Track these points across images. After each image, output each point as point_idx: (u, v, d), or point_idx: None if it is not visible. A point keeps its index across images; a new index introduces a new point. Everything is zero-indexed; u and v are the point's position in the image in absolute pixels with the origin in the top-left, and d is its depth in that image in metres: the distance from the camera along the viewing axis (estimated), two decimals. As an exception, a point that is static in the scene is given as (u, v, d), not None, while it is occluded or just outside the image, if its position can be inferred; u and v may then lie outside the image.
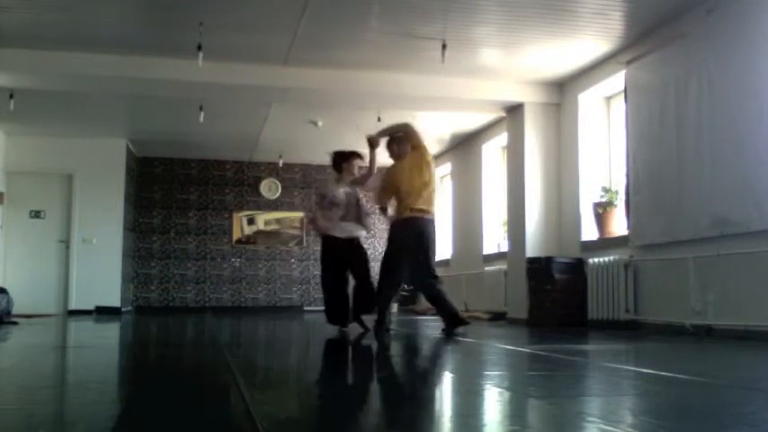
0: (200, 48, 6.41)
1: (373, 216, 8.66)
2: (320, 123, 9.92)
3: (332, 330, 6.49)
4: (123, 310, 11.15)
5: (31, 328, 7.39)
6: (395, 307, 10.06)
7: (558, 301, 7.51)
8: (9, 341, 5.73)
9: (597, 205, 7.65)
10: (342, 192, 6.68)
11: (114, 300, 10.93)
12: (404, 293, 11.45)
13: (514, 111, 8.48)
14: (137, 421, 2.30)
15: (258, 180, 12.95)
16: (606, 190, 7.60)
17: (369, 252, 6.89)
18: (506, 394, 2.90)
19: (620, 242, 7.14)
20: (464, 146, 11.14)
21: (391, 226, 6.44)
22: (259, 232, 12.92)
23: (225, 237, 12.79)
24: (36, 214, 10.97)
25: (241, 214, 12.89)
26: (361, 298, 6.50)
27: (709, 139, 5.84)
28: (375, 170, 6.66)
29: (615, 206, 7.46)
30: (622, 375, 3.58)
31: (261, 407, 2.44)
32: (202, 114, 8.83)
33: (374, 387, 3.33)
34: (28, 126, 10.25)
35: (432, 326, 7.80)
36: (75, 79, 7.63)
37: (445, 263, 11.84)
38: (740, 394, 2.91)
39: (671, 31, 6.35)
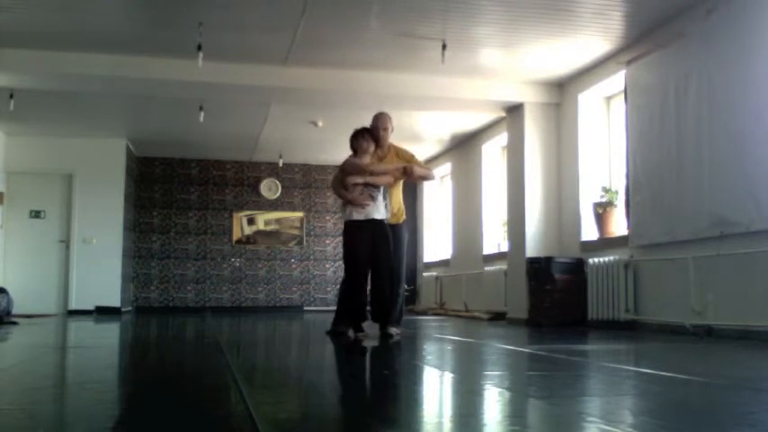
0: (200, 48, 6.41)
1: None
2: (320, 123, 9.92)
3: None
4: (123, 310, 11.15)
5: (31, 328, 7.39)
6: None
7: (558, 301, 7.51)
8: (9, 341, 5.73)
9: (597, 205, 7.65)
10: None
11: (114, 300, 10.93)
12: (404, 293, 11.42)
13: (514, 111, 8.48)
14: (137, 421, 2.30)
15: (258, 180, 12.95)
16: (606, 190, 7.60)
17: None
18: (506, 394, 2.90)
19: (620, 242, 7.14)
20: (464, 146, 11.14)
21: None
22: (259, 232, 12.92)
23: (225, 237, 12.79)
24: (36, 214, 10.97)
25: (241, 214, 12.89)
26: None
27: (708, 139, 5.84)
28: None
29: (615, 206, 7.46)
30: (622, 375, 3.58)
31: (261, 407, 2.44)
32: (202, 114, 8.84)
33: (374, 387, 3.33)
34: (28, 126, 10.25)
35: (432, 326, 7.80)
36: (75, 79, 7.62)
37: (445, 263, 11.85)
38: (740, 394, 2.91)
39: (671, 31, 6.35)
